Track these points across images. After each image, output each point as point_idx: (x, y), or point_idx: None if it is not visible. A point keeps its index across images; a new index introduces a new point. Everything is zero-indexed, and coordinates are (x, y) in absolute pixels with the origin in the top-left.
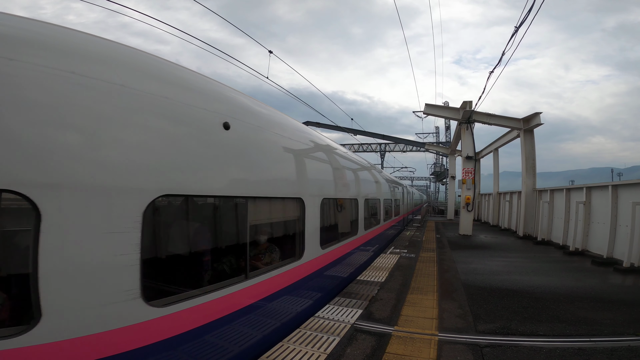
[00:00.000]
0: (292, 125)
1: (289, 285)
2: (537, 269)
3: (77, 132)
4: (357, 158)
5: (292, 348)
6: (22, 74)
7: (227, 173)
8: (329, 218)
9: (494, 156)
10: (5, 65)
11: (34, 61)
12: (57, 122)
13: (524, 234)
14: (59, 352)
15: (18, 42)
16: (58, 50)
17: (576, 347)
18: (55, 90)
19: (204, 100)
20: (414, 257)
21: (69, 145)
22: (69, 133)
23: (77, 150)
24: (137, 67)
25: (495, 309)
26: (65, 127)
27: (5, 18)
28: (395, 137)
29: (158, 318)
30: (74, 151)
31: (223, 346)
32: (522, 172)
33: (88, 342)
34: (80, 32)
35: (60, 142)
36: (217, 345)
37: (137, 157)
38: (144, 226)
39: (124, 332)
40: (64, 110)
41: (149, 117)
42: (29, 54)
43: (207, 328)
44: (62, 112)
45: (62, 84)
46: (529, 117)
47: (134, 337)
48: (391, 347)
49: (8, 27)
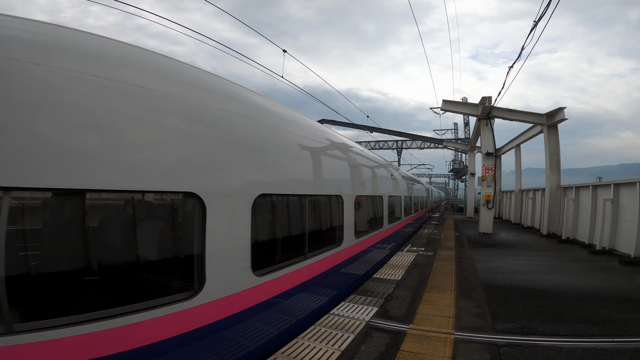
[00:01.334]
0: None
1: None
2: (560, 268)
3: (220, 155)
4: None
5: (307, 344)
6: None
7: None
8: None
9: (516, 152)
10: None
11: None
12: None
13: (548, 232)
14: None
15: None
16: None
17: (598, 347)
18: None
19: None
20: (431, 255)
21: (216, 162)
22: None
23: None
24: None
25: (515, 308)
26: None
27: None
28: (412, 134)
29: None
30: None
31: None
32: (546, 169)
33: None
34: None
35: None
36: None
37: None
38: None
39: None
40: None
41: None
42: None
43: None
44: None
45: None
46: (553, 112)
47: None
48: (406, 345)
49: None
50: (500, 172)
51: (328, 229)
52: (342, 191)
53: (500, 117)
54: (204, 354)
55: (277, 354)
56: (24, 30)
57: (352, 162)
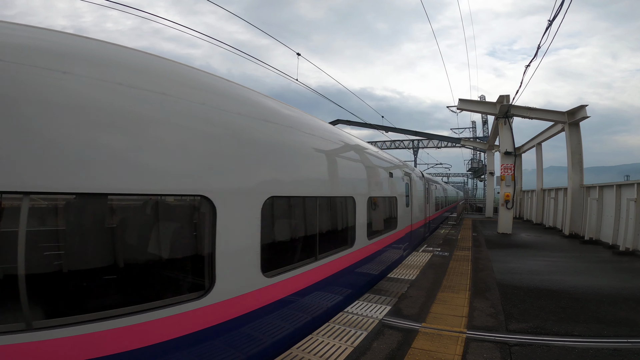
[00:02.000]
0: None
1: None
2: (581, 269)
3: (234, 156)
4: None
5: (320, 340)
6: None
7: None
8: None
9: (537, 151)
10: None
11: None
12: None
13: (570, 233)
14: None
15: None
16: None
17: (611, 347)
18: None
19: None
20: (447, 256)
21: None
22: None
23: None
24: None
25: (531, 308)
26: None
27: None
28: (428, 133)
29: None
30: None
31: (306, 308)
32: (568, 168)
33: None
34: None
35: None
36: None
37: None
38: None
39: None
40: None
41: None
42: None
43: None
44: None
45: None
46: (574, 110)
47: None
48: (417, 343)
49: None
50: (520, 171)
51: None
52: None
53: (518, 116)
54: (215, 352)
55: (292, 349)
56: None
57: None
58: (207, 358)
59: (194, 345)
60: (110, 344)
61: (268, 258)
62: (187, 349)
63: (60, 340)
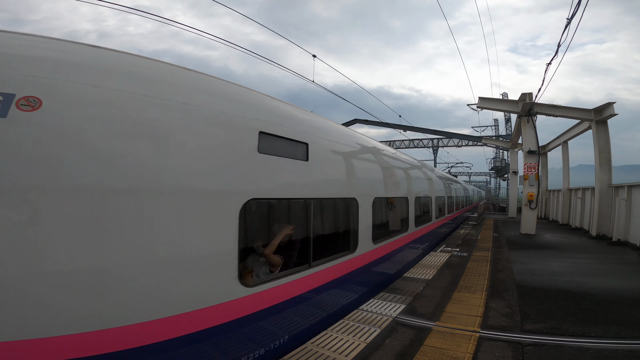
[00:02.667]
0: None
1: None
2: (606, 271)
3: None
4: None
5: (335, 336)
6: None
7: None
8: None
9: (563, 149)
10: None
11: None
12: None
13: (598, 234)
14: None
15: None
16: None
17: (627, 349)
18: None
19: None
20: (465, 256)
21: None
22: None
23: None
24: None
25: (548, 309)
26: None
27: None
28: (448, 132)
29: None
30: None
31: (292, 321)
32: (596, 167)
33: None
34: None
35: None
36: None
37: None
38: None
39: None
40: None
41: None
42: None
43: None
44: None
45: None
46: (601, 108)
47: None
48: (430, 341)
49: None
50: (546, 170)
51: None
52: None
53: (542, 114)
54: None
55: (307, 343)
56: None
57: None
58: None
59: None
60: None
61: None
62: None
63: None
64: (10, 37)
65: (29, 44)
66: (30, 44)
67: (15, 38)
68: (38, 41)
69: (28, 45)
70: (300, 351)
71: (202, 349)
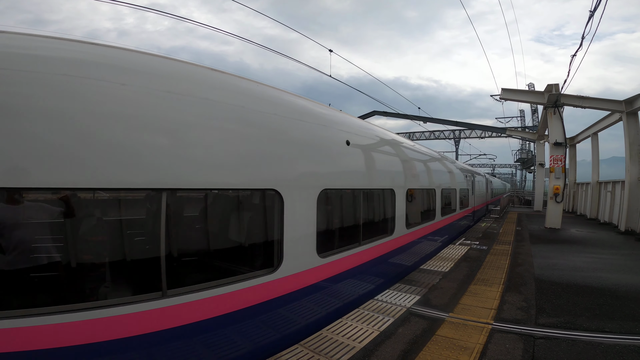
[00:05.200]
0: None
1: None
2: (630, 267)
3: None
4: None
5: (350, 324)
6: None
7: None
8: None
9: (593, 141)
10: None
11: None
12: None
13: (627, 229)
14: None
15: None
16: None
17: (639, 344)
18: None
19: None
20: (485, 249)
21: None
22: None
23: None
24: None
25: (565, 304)
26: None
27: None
28: (470, 123)
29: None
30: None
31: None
32: (626, 159)
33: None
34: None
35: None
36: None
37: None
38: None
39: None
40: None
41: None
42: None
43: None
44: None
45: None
46: (632, 99)
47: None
48: (442, 331)
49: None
50: (574, 163)
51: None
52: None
53: (569, 105)
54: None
55: (322, 330)
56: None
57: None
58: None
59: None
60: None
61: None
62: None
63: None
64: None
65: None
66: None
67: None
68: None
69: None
70: (317, 336)
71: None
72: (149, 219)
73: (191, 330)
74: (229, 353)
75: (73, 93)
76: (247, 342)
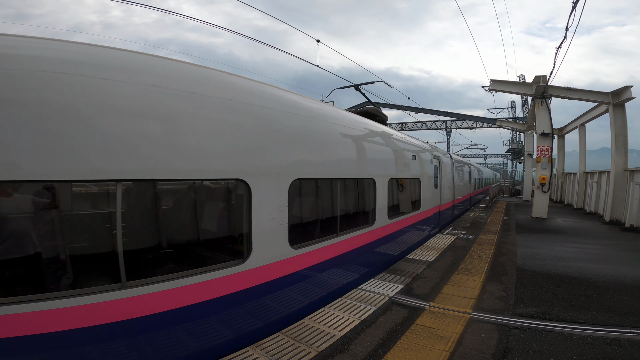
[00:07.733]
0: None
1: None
2: (612, 257)
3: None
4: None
5: (332, 313)
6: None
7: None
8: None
9: (580, 132)
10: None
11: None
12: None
13: (611, 219)
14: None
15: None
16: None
17: (611, 337)
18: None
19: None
20: (471, 239)
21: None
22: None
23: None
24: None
25: (544, 294)
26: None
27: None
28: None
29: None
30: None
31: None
32: (612, 150)
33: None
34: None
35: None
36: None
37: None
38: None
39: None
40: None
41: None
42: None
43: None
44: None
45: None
46: (619, 91)
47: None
48: (421, 320)
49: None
50: (562, 153)
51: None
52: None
53: (557, 96)
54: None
55: (305, 319)
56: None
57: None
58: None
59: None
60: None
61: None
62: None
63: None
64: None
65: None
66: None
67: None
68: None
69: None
70: (299, 325)
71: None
72: (108, 210)
73: (157, 320)
74: (204, 342)
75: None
76: (224, 331)
